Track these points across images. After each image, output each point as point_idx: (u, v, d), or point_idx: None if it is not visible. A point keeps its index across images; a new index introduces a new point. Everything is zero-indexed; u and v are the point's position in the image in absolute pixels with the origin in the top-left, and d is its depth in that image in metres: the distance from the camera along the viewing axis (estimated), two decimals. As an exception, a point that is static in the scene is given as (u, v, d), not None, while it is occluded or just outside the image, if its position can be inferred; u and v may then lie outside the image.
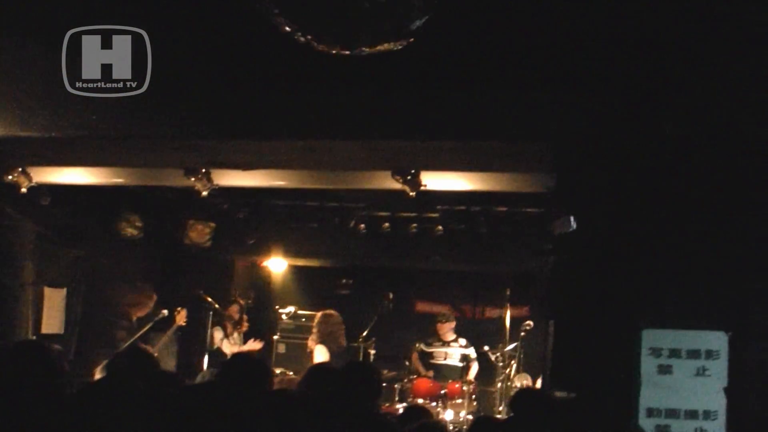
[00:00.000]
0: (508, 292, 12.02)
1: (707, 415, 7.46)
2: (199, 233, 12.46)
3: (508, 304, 11.98)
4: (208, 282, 13.34)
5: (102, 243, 12.51)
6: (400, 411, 11.42)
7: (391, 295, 12.79)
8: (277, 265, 14.09)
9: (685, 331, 7.55)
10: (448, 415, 11.66)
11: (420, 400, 11.81)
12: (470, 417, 11.90)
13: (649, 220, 7.78)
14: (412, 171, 8.44)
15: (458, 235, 11.48)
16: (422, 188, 8.67)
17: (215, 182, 9.60)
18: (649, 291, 7.65)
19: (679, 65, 7.47)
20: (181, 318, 11.74)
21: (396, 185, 8.73)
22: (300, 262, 14.14)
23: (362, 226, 11.79)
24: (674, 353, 7.54)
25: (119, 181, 10.46)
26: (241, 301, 13.42)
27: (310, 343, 12.09)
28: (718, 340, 7.49)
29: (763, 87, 7.44)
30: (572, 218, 7.87)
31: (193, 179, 9.43)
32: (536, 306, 13.03)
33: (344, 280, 14.98)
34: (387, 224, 11.78)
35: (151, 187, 11.57)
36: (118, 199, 12.01)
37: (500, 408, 11.53)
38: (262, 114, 8.00)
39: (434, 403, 11.70)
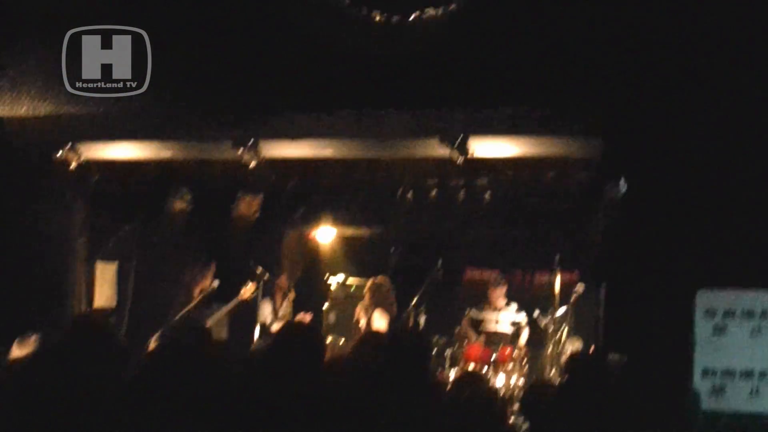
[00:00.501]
0: (557, 258, 11.94)
1: (763, 375, 7.44)
2: (248, 205, 12.48)
3: (558, 269, 11.90)
4: (257, 254, 13.39)
5: (152, 217, 12.60)
6: (451, 377, 11.46)
7: (440, 263, 12.74)
8: (325, 235, 14.11)
9: (739, 291, 7.52)
10: (499, 381, 11.66)
11: (471, 366, 11.82)
12: (521, 383, 11.89)
13: (701, 181, 7.73)
14: (460, 138, 8.42)
15: (507, 202, 11.40)
16: (470, 155, 8.65)
17: (263, 154, 9.64)
18: (703, 252, 7.61)
19: (732, 25, 7.37)
20: (248, 293, 11.77)
21: (444, 152, 8.72)
22: (348, 232, 14.14)
23: (410, 194, 11.75)
24: (729, 314, 7.51)
25: (168, 155, 10.53)
26: (289, 271, 13.48)
27: (359, 311, 12.12)
28: (772, 300, 7.46)
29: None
30: (622, 181, 7.84)
31: (241, 151, 9.48)
32: (587, 270, 12.95)
33: (393, 249, 14.95)
34: (435, 192, 11.74)
35: (200, 160, 11.63)
36: (169, 173, 12.07)
37: (551, 373, 11.49)
38: (309, 85, 8.01)
39: (485, 369, 11.69)
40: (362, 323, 11.84)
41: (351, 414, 4.90)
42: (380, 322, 11.14)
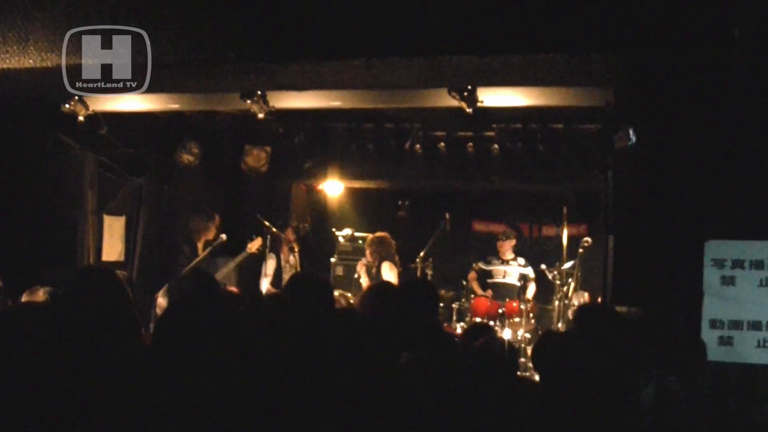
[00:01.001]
0: (565, 210, 11.93)
1: (771, 326, 7.44)
2: (256, 158, 12.49)
3: (566, 222, 11.90)
4: (266, 207, 13.42)
5: (161, 171, 12.62)
6: (459, 330, 11.50)
7: (448, 216, 12.76)
8: (333, 189, 14.12)
9: (748, 241, 7.49)
10: (506, 334, 11.70)
11: (478, 319, 11.86)
12: (528, 335, 11.95)
13: (709, 131, 7.68)
14: (469, 87, 8.38)
15: (515, 154, 11.39)
16: (479, 105, 8.61)
17: (272, 105, 9.61)
18: (712, 202, 7.58)
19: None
20: (254, 246, 11.78)
21: (453, 103, 8.68)
22: (356, 185, 14.15)
23: (418, 146, 11.74)
24: (737, 264, 7.48)
25: (176, 107, 10.50)
26: (296, 224, 13.51)
27: (360, 267, 12.12)
28: (783, 251, 7.43)
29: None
30: (632, 131, 7.80)
31: (249, 102, 9.45)
32: (595, 223, 12.97)
33: (401, 202, 14.97)
34: (443, 144, 11.73)
35: (209, 113, 11.62)
36: (176, 126, 12.07)
37: (558, 326, 11.53)
38: (317, 33, 7.95)
39: (492, 322, 11.73)
40: (363, 280, 11.82)
41: (359, 361, 4.91)
42: (389, 274, 11.14)
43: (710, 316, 7.51)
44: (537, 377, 6.41)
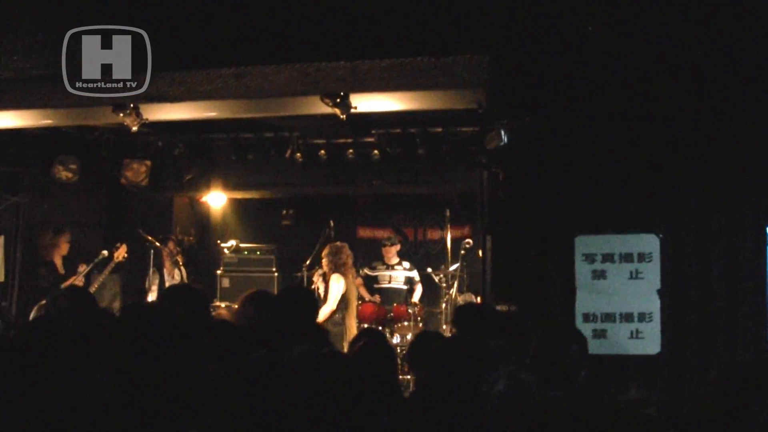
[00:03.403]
0: (448, 213, 12.03)
1: (642, 317, 7.60)
2: (135, 172, 12.29)
3: (449, 225, 12.00)
4: (148, 221, 13.22)
5: (40, 188, 12.36)
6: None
7: (332, 223, 12.75)
8: (216, 200, 13.96)
9: (617, 235, 7.66)
10: (395, 339, 11.73)
11: (366, 325, 11.86)
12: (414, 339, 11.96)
13: (579, 130, 7.84)
14: (341, 93, 8.38)
15: (396, 159, 11.42)
16: (353, 111, 8.61)
17: (145, 117, 9.47)
18: (581, 198, 7.73)
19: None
20: (120, 254, 11.61)
21: (327, 109, 8.67)
22: (239, 195, 14.02)
23: (299, 155, 11.69)
24: (608, 258, 7.65)
25: (48, 122, 10.29)
26: (180, 237, 13.37)
27: (316, 278, 12.04)
28: (650, 243, 7.61)
29: None
30: (503, 131, 7.90)
31: (122, 115, 9.30)
32: (478, 225, 13.10)
33: (285, 211, 14.92)
34: (323, 151, 11.70)
35: (86, 128, 11.41)
36: (53, 142, 11.82)
37: (444, 328, 11.61)
38: (185, 43, 7.90)
39: (380, 327, 11.75)
40: (321, 289, 11.70)
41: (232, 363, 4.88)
42: (336, 286, 10.98)
43: (583, 310, 7.66)
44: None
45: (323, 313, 10.30)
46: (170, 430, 3.80)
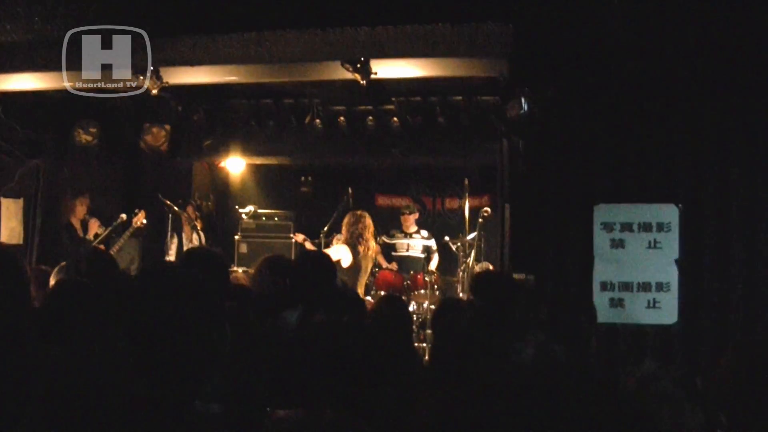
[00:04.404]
0: (466, 182, 12.01)
1: (660, 286, 7.60)
2: (155, 137, 12.30)
3: (467, 194, 11.98)
4: (167, 186, 13.27)
5: (59, 152, 12.41)
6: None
7: (350, 191, 12.74)
8: (235, 166, 14.00)
9: (636, 204, 7.65)
10: (411, 307, 11.76)
11: (383, 293, 11.88)
12: (433, 307, 11.99)
13: (599, 101, 7.81)
14: (362, 59, 8.36)
15: (416, 127, 11.41)
16: (373, 77, 8.60)
17: (166, 81, 9.48)
18: (601, 168, 7.72)
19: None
20: (139, 220, 11.68)
21: (347, 75, 8.66)
22: (258, 161, 14.04)
23: (318, 121, 11.69)
24: (626, 227, 7.64)
25: (68, 85, 10.31)
26: (199, 203, 13.40)
27: (335, 242, 12.08)
28: (669, 213, 7.60)
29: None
30: (523, 100, 7.88)
31: (142, 78, 9.31)
32: (496, 194, 13.08)
33: (303, 178, 14.94)
34: (343, 119, 11.71)
35: (106, 92, 11.43)
36: (73, 106, 11.85)
37: (462, 296, 11.60)
38: (207, 7, 7.89)
39: (398, 295, 11.78)
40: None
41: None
42: (337, 256, 10.95)
43: (601, 279, 7.66)
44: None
45: None
46: (186, 390, 3.84)
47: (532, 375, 4.41)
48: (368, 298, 12.18)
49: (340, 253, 11.03)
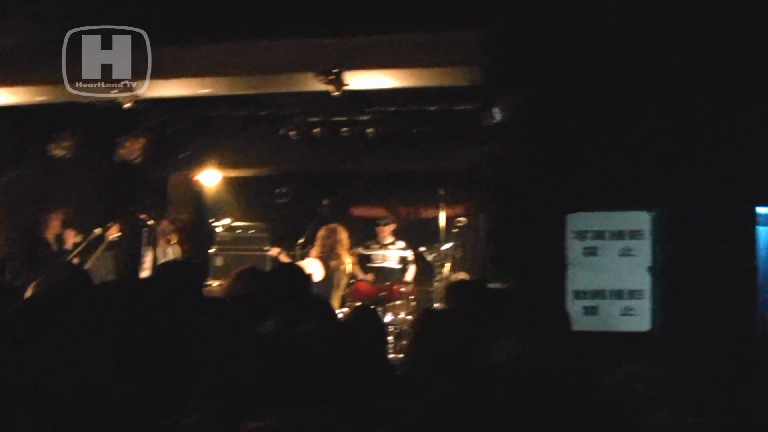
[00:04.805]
0: (442, 192, 12.04)
1: (633, 294, 7.63)
2: (130, 149, 12.29)
3: (443, 204, 12.01)
4: (143, 199, 13.23)
5: (35, 164, 12.35)
6: (340, 315, 11.49)
7: (327, 201, 12.75)
8: (211, 178, 13.97)
9: (608, 212, 7.68)
10: (387, 318, 11.75)
11: (359, 303, 11.88)
12: (409, 318, 12.00)
13: (572, 108, 7.84)
14: (335, 70, 8.39)
15: (391, 137, 11.44)
16: (346, 88, 8.62)
17: (139, 93, 9.46)
18: (574, 176, 7.74)
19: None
20: (113, 233, 11.64)
21: (321, 86, 8.68)
22: (234, 173, 14.03)
23: (294, 132, 11.70)
24: (599, 235, 7.67)
25: (43, 98, 10.28)
26: (174, 216, 13.37)
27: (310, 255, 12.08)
28: (641, 220, 7.63)
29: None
30: (497, 109, 7.91)
31: (115, 91, 9.29)
32: (471, 203, 13.10)
33: (279, 189, 14.91)
34: (318, 129, 11.72)
35: (81, 104, 11.39)
36: (50, 119, 11.81)
37: (438, 306, 11.62)
38: (181, 18, 7.89)
39: (374, 306, 11.78)
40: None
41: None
42: (308, 266, 10.94)
43: (574, 287, 7.68)
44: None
45: None
46: (161, 402, 3.85)
47: (506, 380, 4.43)
48: (345, 309, 12.19)
49: (311, 267, 11.04)
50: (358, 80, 8.68)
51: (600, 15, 7.40)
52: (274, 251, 12.32)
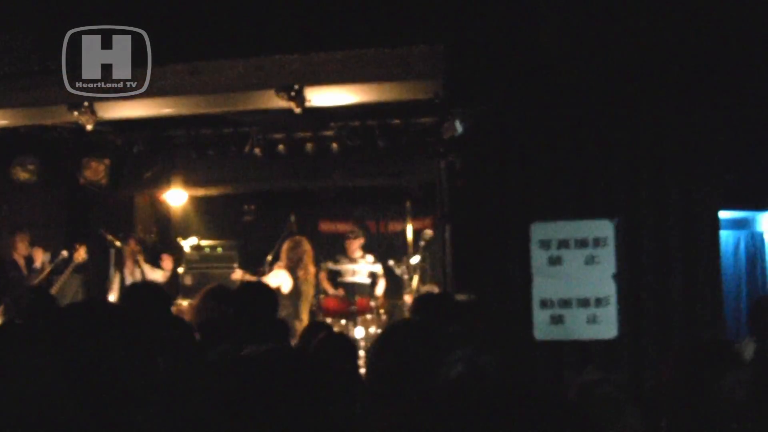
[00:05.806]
0: (409, 205, 12.07)
1: (599, 302, 7.65)
2: (94, 171, 12.23)
3: (410, 217, 12.03)
4: (109, 220, 13.18)
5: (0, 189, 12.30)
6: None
7: (293, 218, 12.75)
8: (177, 198, 13.93)
9: (571, 221, 7.70)
10: (358, 332, 11.75)
11: (329, 319, 11.86)
12: (380, 331, 11.99)
13: (533, 118, 7.88)
14: (296, 87, 8.39)
15: (356, 151, 11.44)
16: (308, 104, 8.63)
17: (101, 115, 9.44)
18: (536, 185, 7.78)
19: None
20: (80, 255, 11.58)
21: (283, 103, 8.68)
22: (200, 192, 13.98)
23: (258, 149, 11.68)
24: (563, 244, 7.68)
25: (4, 122, 10.23)
26: (141, 236, 13.33)
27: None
28: (604, 228, 7.65)
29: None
30: (458, 121, 7.94)
31: (77, 114, 9.26)
32: (437, 215, 13.13)
33: (246, 206, 14.88)
34: (283, 146, 11.71)
35: (44, 127, 11.34)
36: (11, 142, 11.74)
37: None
38: (138, 40, 7.87)
39: (344, 321, 11.78)
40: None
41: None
42: (276, 282, 10.89)
43: (540, 296, 7.70)
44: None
45: None
46: (117, 419, 3.82)
47: (460, 388, 4.44)
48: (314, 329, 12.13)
49: (279, 278, 11.01)
50: (320, 96, 8.69)
51: (558, 28, 7.45)
52: (236, 275, 12.14)
